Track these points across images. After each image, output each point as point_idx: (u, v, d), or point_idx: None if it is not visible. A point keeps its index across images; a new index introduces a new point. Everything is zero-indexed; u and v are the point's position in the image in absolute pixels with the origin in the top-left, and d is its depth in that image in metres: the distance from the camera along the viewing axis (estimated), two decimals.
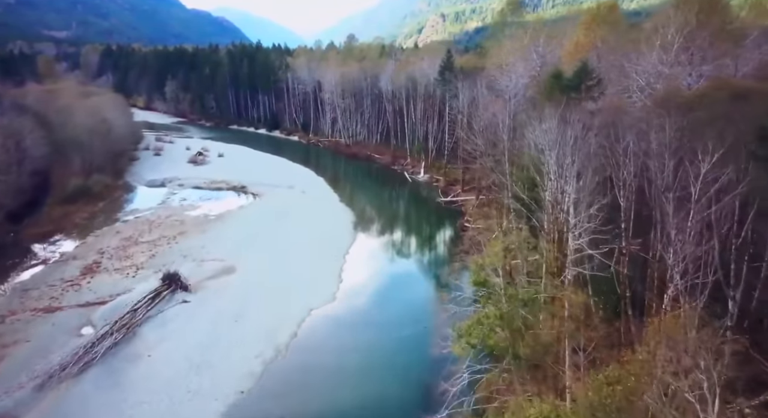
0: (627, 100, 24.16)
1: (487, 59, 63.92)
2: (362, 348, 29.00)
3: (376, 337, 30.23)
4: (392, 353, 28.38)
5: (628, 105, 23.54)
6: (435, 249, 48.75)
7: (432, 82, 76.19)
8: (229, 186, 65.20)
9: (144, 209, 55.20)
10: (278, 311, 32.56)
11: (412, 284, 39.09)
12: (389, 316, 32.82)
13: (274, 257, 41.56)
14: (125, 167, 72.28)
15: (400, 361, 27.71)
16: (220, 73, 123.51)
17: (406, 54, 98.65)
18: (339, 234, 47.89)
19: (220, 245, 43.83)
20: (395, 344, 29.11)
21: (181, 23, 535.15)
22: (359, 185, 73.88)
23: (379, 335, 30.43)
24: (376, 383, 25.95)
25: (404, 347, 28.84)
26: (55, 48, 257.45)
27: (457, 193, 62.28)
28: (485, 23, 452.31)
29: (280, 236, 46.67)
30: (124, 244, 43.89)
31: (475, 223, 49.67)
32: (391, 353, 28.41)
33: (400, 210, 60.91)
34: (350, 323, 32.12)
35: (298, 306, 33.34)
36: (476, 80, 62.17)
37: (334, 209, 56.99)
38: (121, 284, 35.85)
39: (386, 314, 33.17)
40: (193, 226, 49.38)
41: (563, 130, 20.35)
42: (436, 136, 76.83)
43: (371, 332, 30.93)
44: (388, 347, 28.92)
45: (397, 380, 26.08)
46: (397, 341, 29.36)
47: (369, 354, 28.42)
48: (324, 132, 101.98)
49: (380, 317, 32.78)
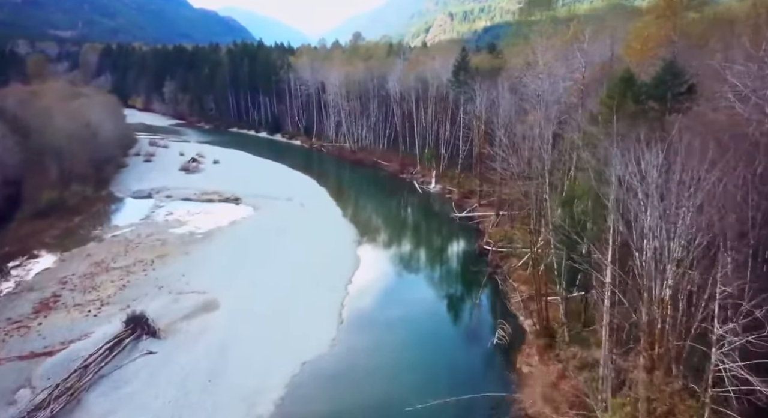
0: (728, 113, 18.01)
1: (510, 59, 57.76)
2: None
3: (381, 403, 24.07)
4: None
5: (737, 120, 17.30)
6: (451, 279, 42.33)
7: (444, 84, 70.09)
8: (222, 198, 59.39)
9: (124, 225, 49.48)
10: (263, 365, 26.55)
11: (428, 327, 32.58)
12: (398, 375, 26.45)
13: (265, 287, 35.65)
14: (111, 176, 66.68)
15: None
16: (219, 73, 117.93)
17: (416, 53, 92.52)
18: (341, 258, 41.89)
19: (203, 272, 37.96)
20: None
21: (187, 23, 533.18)
22: (364, 197, 67.83)
23: (384, 400, 24.25)
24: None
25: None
26: (58, 47, 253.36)
27: (473, 207, 56.11)
28: (494, 22, 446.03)
29: (273, 259, 40.75)
30: (92, 271, 38.09)
31: (496, 244, 43.58)
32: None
33: (409, 227, 54.76)
34: (350, 382, 26.05)
35: (287, 357, 27.30)
36: (496, 82, 56.16)
37: (336, 226, 51.02)
38: (79, 327, 29.99)
39: (395, 371, 26.85)
40: (176, 247, 43.55)
41: (669, 163, 14.05)
42: (449, 142, 70.77)
43: (375, 394, 24.81)
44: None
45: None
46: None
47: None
48: (328, 136, 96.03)
49: (386, 375, 26.57)
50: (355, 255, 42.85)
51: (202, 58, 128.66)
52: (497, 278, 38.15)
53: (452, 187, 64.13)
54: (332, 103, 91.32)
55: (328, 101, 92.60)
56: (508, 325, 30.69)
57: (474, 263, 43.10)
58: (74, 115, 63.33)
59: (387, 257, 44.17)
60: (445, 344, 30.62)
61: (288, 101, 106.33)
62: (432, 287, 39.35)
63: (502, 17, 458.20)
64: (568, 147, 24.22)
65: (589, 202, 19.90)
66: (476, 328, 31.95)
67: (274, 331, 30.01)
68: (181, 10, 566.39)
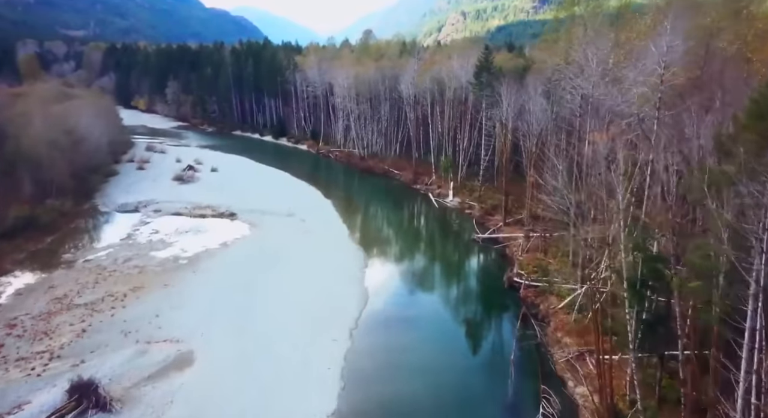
0: None
1: (538, 58, 50.99)
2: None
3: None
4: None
5: None
6: (478, 323, 35.26)
7: (463, 86, 63.49)
8: (216, 213, 53.29)
9: (101, 246, 43.56)
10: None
11: (451, 396, 25.85)
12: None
13: (252, 335, 29.42)
14: (98, 186, 60.90)
15: None
16: (223, 73, 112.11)
17: (431, 52, 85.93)
18: (346, 293, 35.54)
19: (181, 312, 31.83)
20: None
21: (199, 22, 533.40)
22: (373, 211, 61.35)
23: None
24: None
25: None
26: (66, 47, 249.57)
27: (497, 226, 49.47)
28: (507, 21, 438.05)
29: (265, 295, 34.53)
30: (51, 309, 32.06)
31: (529, 276, 36.90)
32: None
33: (424, 252, 48.02)
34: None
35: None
36: (523, 85, 49.59)
37: (341, 248, 44.71)
38: (14, 392, 23.88)
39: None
40: (155, 276, 37.45)
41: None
42: (467, 150, 64.18)
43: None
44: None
45: None
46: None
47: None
48: (335, 141, 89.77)
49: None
50: (362, 289, 36.43)
51: (205, 57, 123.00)
52: (534, 322, 31.54)
53: (472, 202, 57.49)
54: (340, 105, 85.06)
55: (337, 104, 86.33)
56: (553, 395, 24.10)
57: (503, 300, 36.56)
58: (57, 119, 57.65)
59: (399, 292, 37.52)
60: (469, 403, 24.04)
61: (294, 103, 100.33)
62: (454, 335, 32.61)
63: (515, 16, 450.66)
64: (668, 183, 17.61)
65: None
66: (513, 398, 25.29)
67: (257, 399, 23.72)
68: (193, 10, 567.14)
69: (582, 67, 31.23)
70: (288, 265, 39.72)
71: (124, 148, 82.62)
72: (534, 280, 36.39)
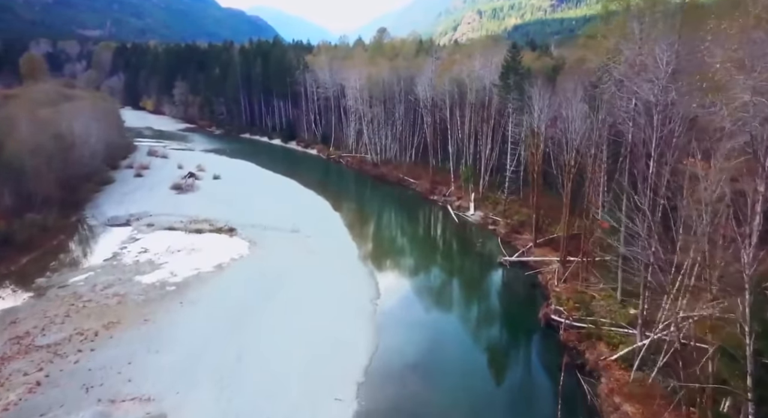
0: None
1: (571, 58, 45.21)
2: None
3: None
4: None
5: None
6: (511, 372, 29.41)
7: (486, 88, 57.83)
8: (213, 228, 48.41)
9: (82, 268, 38.85)
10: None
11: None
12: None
13: (239, 392, 24.27)
14: (89, 196, 56.42)
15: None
16: (231, 73, 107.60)
17: (449, 51, 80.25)
18: (353, 332, 30.29)
19: (158, 358, 26.85)
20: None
21: (214, 22, 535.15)
22: (387, 227, 55.91)
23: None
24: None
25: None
26: (79, 46, 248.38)
27: (527, 247, 43.76)
28: (524, 20, 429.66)
29: (257, 336, 29.42)
30: (6, 352, 27.24)
31: (570, 314, 31.21)
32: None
33: (443, 278, 42.38)
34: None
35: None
36: (554, 87, 43.94)
37: (350, 272, 39.47)
38: None
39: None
40: (135, 308, 32.56)
41: None
42: (489, 158, 58.54)
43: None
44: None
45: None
46: None
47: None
48: (347, 146, 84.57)
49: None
50: (372, 327, 31.10)
51: (213, 57, 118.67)
52: (581, 377, 25.93)
53: (496, 217, 51.86)
54: (352, 108, 79.85)
55: (348, 106, 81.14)
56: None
57: (540, 343, 30.94)
58: (46, 123, 53.31)
59: (415, 331, 31.87)
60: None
61: (304, 106, 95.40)
62: (482, 391, 27.00)
63: (532, 15, 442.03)
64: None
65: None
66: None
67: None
68: (208, 10, 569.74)
69: (643, 68, 25.52)
70: (288, 294, 34.58)
71: (125, 152, 78.45)
72: (576, 319, 30.69)
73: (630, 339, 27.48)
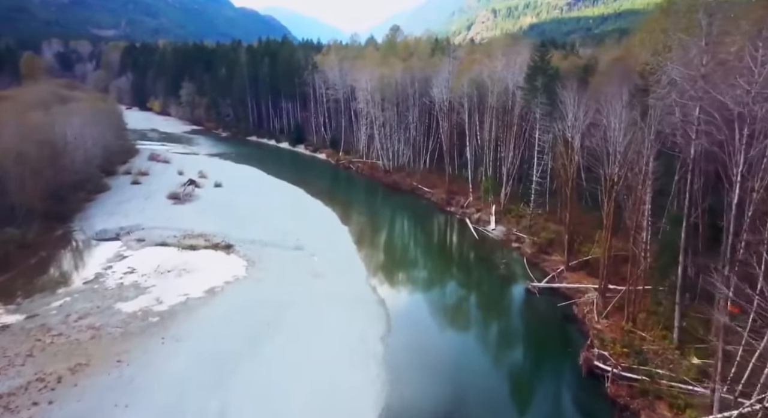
0: None
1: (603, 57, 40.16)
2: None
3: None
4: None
5: None
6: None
7: (510, 91, 52.87)
8: (209, 244, 44.13)
9: (57, 294, 34.63)
10: None
11: None
12: None
13: None
14: (80, 206, 52.50)
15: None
16: (238, 74, 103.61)
17: (467, 50, 75.30)
18: (360, 381, 25.66)
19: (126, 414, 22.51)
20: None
21: (228, 22, 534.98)
22: (399, 243, 51.00)
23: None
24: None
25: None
26: (91, 46, 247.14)
27: (558, 270, 38.78)
28: (540, 19, 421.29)
29: (245, 389, 24.91)
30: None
31: (618, 361, 26.24)
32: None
33: (465, 308, 37.34)
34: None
35: None
36: (586, 91, 38.96)
37: (358, 301, 34.86)
38: None
39: None
40: (110, 345, 28.28)
41: None
42: (511, 167, 53.61)
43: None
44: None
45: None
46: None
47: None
48: (357, 150, 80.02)
49: None
50: (381, 375, 26.38)
51: (220, 57, 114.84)
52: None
53: (521, 233, 46.93)
54: (363, 111, 75.27)
55: (359, 109, 76.59)
56: None
57: (583, 399, 25.94)
58: (34, 128, 49.46)
59: (430, 380, 26.89)
60: None
61: (312, 108, 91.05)
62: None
63: (548, 13, 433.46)
64: None
65: None
66: None
67: None
68: (222, 10, 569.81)
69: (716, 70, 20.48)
70: (286, 333, 30.02)
71: (125, 157, 74.70)
72: (626, 368, 25.69)
73: (698, 400, 22.50)
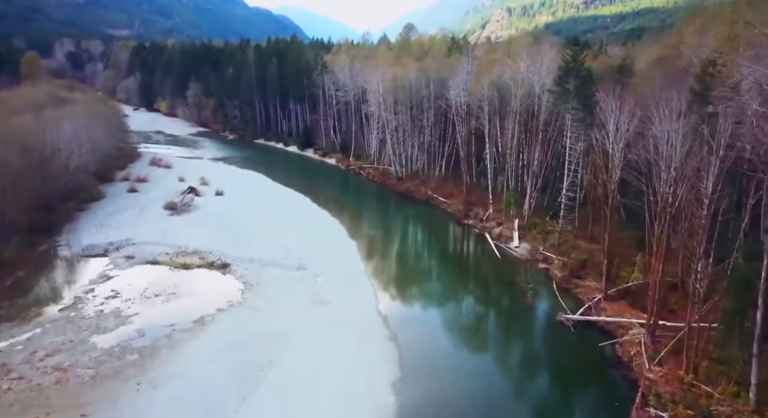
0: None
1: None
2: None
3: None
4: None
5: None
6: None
7: (536, 94, 48.15)
8: (204, 262, 40.13)
9: (27, 323, 30.80)
10: None
11: None
12: None
13: None
14: (69, 217, 48.86)
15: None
16: (245, 74, 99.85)
17: (485, 49, 70.57)
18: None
19: None
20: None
21: (241, 21, 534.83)
22: (412, 261, 46.32)
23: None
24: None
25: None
26: (103, 46, 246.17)
27: (594, 299, 34.02)
28: (556, 18, 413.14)
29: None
30: None
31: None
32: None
33: (487, 346, 32.30)
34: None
35: None
36: (624, 95, 34.20)
37: (365, 335, 30.48)
38: None
39: None
40: (77, 392, 24.26)
41: None
42: (536, 177, 48.86)
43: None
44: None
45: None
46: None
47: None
48: (369, 156, 75.72)
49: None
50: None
51: (227, 57, 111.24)
52: None
53: (548, 252, 42.16)
54: (375, 114, 70.94)
55: (370, 112, 72.27)
56: None
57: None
58: (19, 133, 45.95)
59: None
60: None
61: (322, 110, 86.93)
62: None
63: (564, 12, 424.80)
64: None
65: None
66: None
67: None
68: (236, 9, 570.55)
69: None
70: (282, 375, 25.75)
71: (125, 162, 71.18)
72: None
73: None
